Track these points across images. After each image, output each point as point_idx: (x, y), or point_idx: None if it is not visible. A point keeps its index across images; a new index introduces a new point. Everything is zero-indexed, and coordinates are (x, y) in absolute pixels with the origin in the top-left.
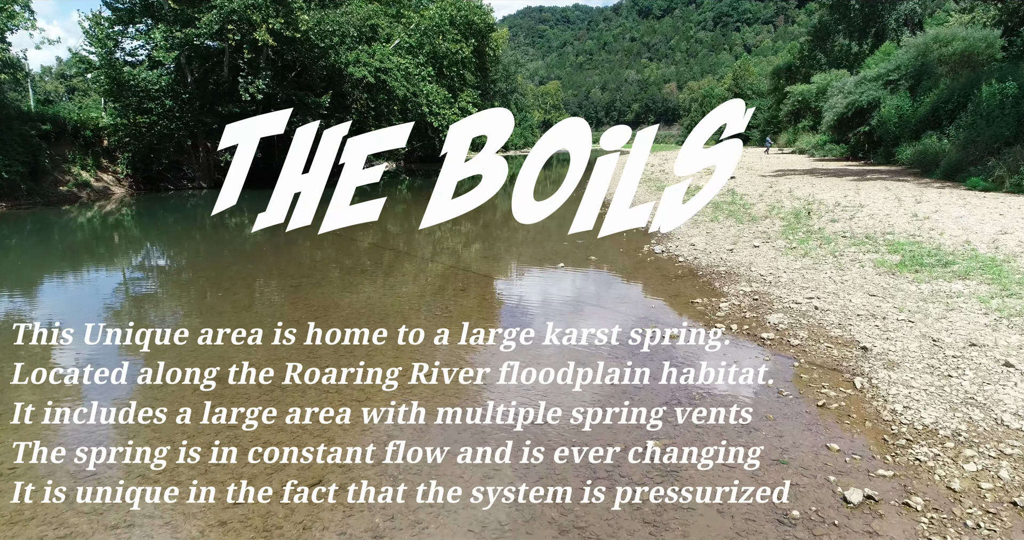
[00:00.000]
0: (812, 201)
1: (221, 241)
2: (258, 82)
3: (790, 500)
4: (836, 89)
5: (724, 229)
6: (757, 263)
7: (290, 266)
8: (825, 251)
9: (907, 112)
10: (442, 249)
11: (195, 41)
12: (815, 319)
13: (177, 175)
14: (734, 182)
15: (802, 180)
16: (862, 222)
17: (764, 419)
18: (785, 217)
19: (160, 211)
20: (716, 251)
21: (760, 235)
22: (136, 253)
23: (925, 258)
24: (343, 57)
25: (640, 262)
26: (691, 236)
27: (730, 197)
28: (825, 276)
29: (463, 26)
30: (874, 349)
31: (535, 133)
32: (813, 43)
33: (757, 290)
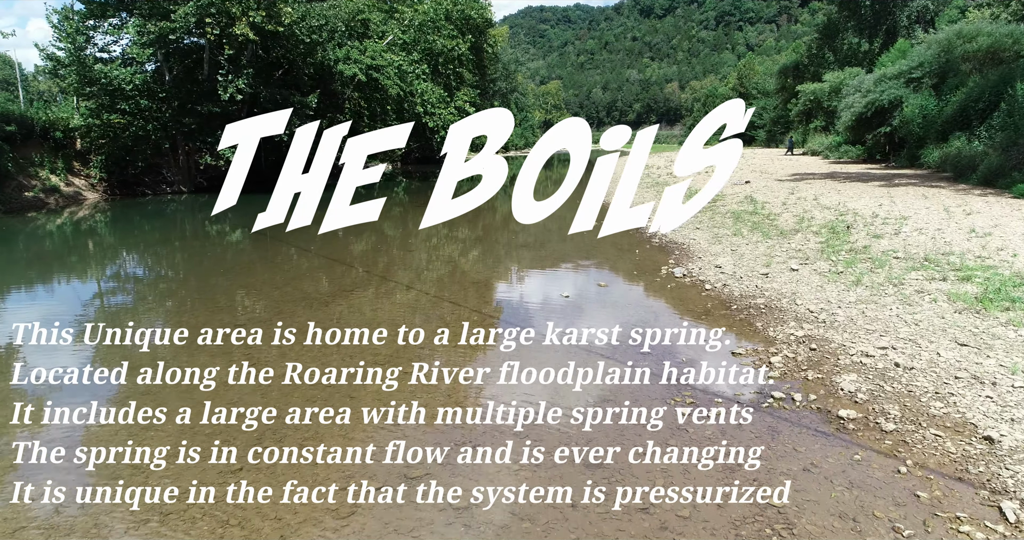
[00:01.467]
0: (844, 211)
1: (199, 251)
2: (239, 81)
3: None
4: (852, 88)
5: (752, 246)
6: (802, 293)
7: (279, 275)
8: (880, 277)
9: (932, 112)
10: (436, 260)
11: (171, 36)
12: (902, 384)
13: (155, 179)
14: (750, 187)
15: (824, 185)
16: (912, 239)
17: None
18: (819, 231)
19: (136, 217)
20: (748, 276)
21: (795, 254)
22: (102, 266)
23: (1011, 290)
24: (332, 54)
25: (658, 289)
26: (715, 255)
27: (750, 205)
28: (891, 313)
29: (459, 21)
30: (1003, 441)
31: (536, 133)
32: (821, 41)
33: (812, 334)
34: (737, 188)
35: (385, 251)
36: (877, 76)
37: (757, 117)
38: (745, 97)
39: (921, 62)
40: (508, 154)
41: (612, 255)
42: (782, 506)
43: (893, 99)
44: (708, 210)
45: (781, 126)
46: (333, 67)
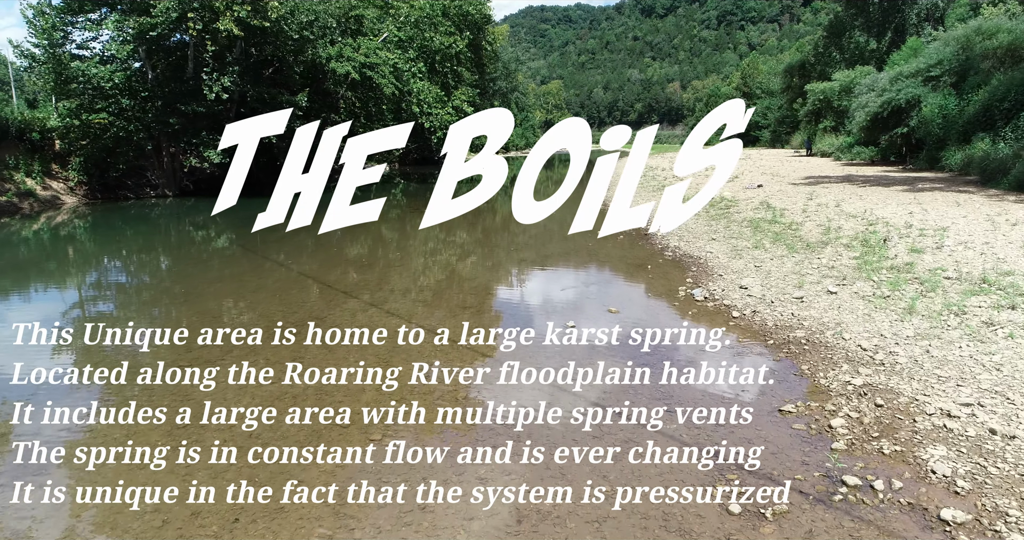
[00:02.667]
0: (873, 220)
1: (182, 258)
2: (223, 79)
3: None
4: (865, 87)
5: (777, 262)
6: (848, 324)
7: (269, 281)
8: (937, 304)
9: (952, 112)
10: (425, 289)
11: (152, 32)
12: (1008, 463)
13: (139, 182)
14: (763, 192)
15: (843, 190)
16: (960, 255)
17: None
18: (851, 244)
19: (119, 222)
20: (780, 299)
21: (829, 272)
22: (79, 276)
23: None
24: (324, 52)
25: (678, 316)
26: (738, 273)
27: (768, 213)
28: (962, 353)
29: (457, 17)
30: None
31: (537, 133)
32: (828, 39)
33: (872, 382)
34: (750, 193)
35: (386, 253)
36: (893, 75)
37: (761, 117)
38: (749, 97)
39: (939, 59)
40: (509, 155)
41: (622, 270)
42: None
43: (911, 98)
44: (723, 218)
45: (787, 126)
46: (325, 65)
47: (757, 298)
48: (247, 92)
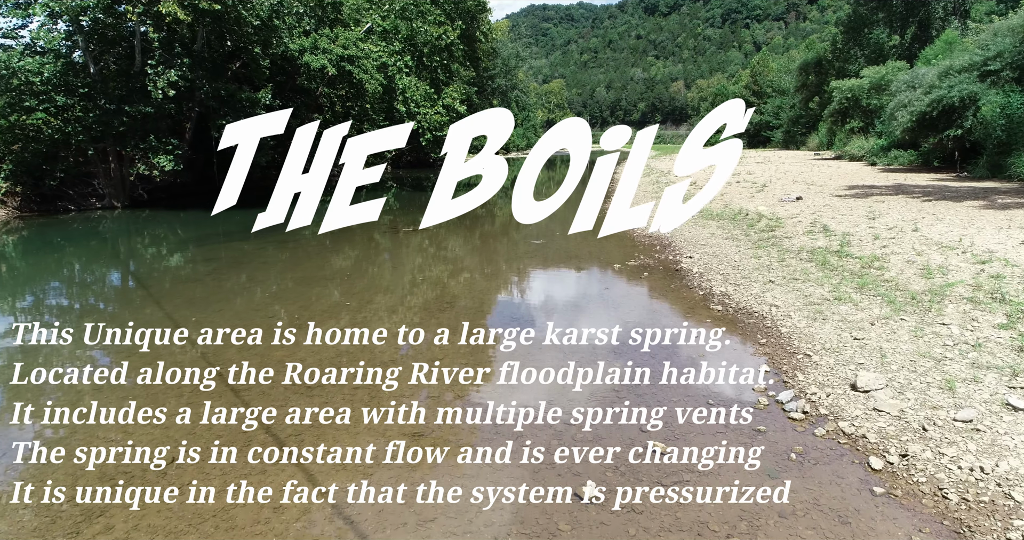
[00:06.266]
0: (982, 255)
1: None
2: (170, 73)
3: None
4: (904, 83)
5: (885, 331)
6: None
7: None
8: None
9: (1018, 111)
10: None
11: (83, 16)
12: None
13: (82, 191)
14: (805, 206)
15: (905, 205)
16: None
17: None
18: (976, 298)
19: (57, 239)
20: (935, 423)
21: (979, 357)
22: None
23: None
24: (295, 43)
25: (787, 464)
26: (833, 351)
27: (827, 238)
28: None
29: (448, 4)
30: None
31: (538, 133)
32: (847, 35)
33: None
34: (791, 208)
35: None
36: (941, 69)
37: (773, 117)
38: (759, 95)
39: (998, 52)
40: (509, 155)
41: (658, 329)
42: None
43: (967, 96)
44: (771, 244)
45: (801, 126)
46: (298, 59)
47: (894, 417)
48: (200, 88)
